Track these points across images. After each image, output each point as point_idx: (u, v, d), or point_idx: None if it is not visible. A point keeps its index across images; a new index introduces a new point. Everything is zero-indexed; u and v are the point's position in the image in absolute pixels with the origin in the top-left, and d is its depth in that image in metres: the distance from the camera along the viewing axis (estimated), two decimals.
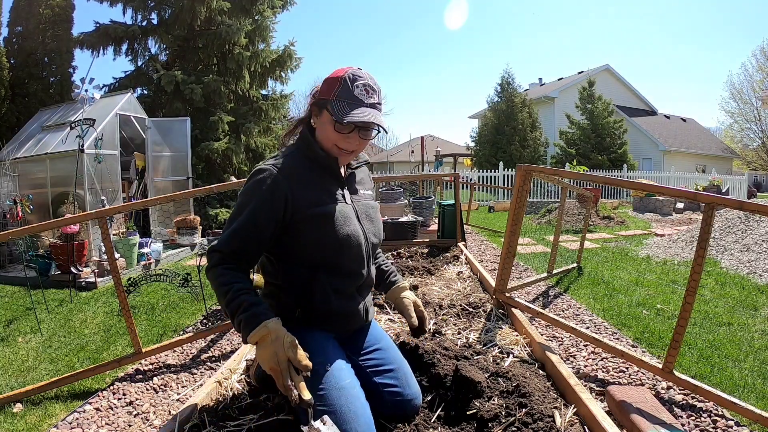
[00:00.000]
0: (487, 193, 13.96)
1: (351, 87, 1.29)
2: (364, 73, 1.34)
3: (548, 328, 2.57)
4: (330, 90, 1.31)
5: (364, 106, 1.29)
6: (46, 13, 8.21)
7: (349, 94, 1.29)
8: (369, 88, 1.31)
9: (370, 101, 1.31)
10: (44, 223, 2.45)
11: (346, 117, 1.25)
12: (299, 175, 1.32)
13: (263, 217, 1.25)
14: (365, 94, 1.30)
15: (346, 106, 1.28)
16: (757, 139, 24.27)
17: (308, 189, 1.32)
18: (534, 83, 27.66)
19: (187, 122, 6.60)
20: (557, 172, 2.78)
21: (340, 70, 1.34)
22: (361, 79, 1.31)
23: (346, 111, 1.27)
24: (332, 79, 1.32)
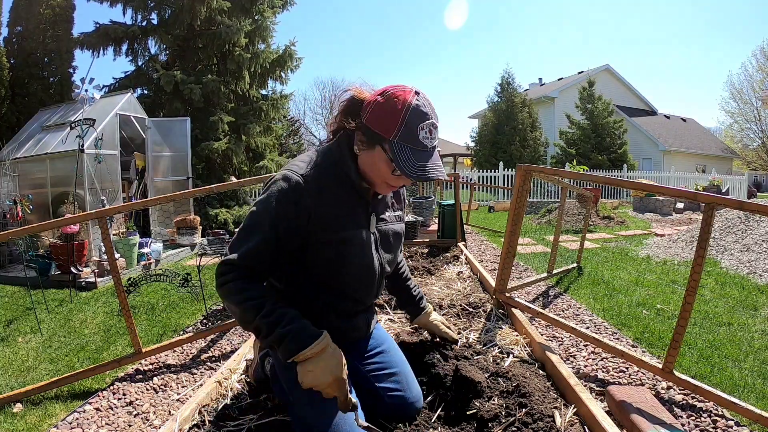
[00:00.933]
0: (487, 193, 13.97)
1: (416, 130, 1.13)
2: (426, 103, 1.16)
3: (548, 328, 2.57)
4: (389, 125, 1.13)
5: (428, 152, 1.15)
6: (46, 13, 8.21)
7: (413, 138, 1.13)
8: (433, 127, 1.16)
9: (432, 144, 1.16)
10: (44, 223, 2.45)
11: (414, 172, 1.12)
12: (327, 194, 1.20)
13: (285, 232, 1.15)
14: (429, 137, 1.15)
15: (409, 154, 1.13)
16: (757, 139, 24.29)
17: (333, 211, 1.21)
18: (534, 83, 27.68)
19: (187, 122, 6.60)
20: (557, 172, 2.78)
21: (399, 94, 1.15)
22: (426, 117, 1.14)
23: (411, 162, 1.12)
24: (390, 110, 1.14)
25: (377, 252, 1.33)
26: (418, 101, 1.15)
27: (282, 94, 9.44)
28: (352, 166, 1.23)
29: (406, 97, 1.14)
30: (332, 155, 1.26)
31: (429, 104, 1.17)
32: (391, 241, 1.38)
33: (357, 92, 1.23)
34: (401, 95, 1.15)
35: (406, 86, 1.18)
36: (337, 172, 1.23)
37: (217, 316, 3.08)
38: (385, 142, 1.15)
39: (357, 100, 1.22)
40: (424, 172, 1.13)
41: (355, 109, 1.21)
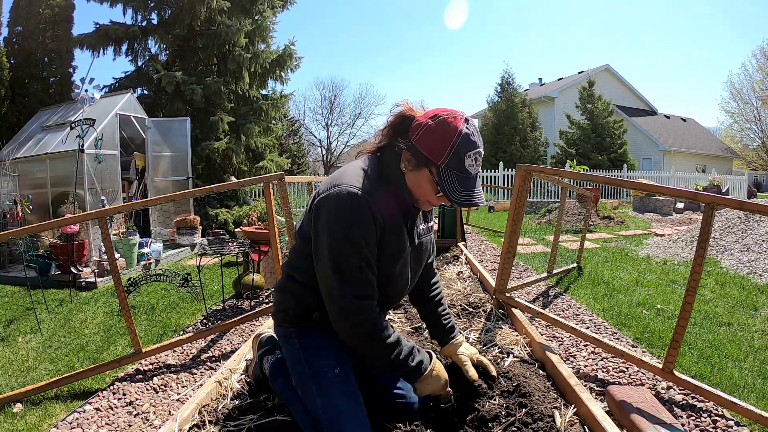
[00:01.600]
0: (487, 193, 13.96)
1: (463, 157, 1.17)
2: (475, 131, 1.20)
3: (548, 328, 2.57)
4: (438, 151, 1.17)
5: (471, 178, 1.20)
6: (46, 13, 8.20)
7: (461, 165, 1.17)
8: (479, 156, 1.20)
9: (477, 171, 1.21)
10: (44, 223, 2.45)
11: (458, 198, 1.18)
12: (389, 214, 1.24)
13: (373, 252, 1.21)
14: (474, 164, 1.19)
15: (455, 181, 1.18)
16: (757, 139, 24.27)
17: (392, 230, 1.25)
18: (534, 83, 27.67)
19: (187, 122, 6.60)
20: (557, 172, 2.78)
21: (450, 121, 1.18)
22: (475, 146, 1.18)
23: (456, 187, 1.17)
24: (441, 136, 1.17)
25: (411, 265, 1.37)
26: (467, 129, 1.18)
27: (282, 94, 9.44)
28: (404, 184, 1.26)
29: (457, 124, 1.18)
30: (384, 172, 1.27)
31: (477, 132, 1.20)
32: (422, 254, 1.42)
33: (407, 109, 1.26)
34: (452, 122, 1.18)
35: (457, 112, 1.21)
36: (392, 190, 1.25)
37: (217, 316, 3.09)
38: (433, 166, 1.19)
39: (407, 118, 1.25)
40: (468, 198, 1.19)
41: (404, 127, 1.24)
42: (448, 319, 1.56)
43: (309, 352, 1.29)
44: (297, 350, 1.30)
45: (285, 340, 1.36)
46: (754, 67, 23.62)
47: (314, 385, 1.23)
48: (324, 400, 1.20)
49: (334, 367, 1.25)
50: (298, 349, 1.30)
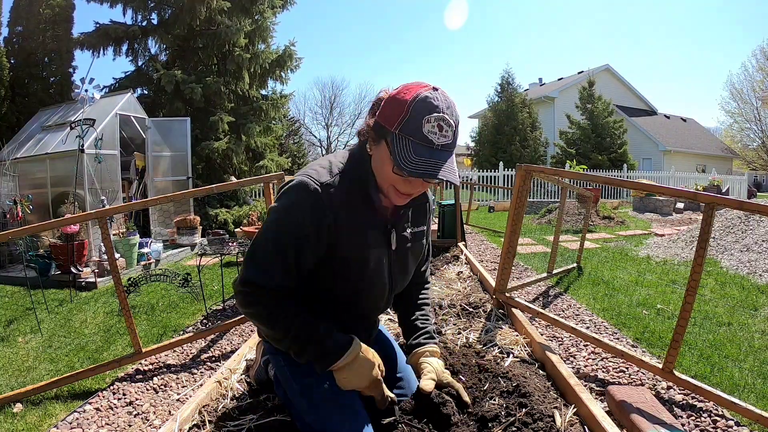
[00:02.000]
0: (487, 193, 13.97)
1: (420, 121, 1.01)
2: (440, 97, 1.04)
3: (548, 328, 2.57)
4: (393, 117, 1.04)
5: (433, 149, 1.02)
6: (46, 13, 8.20)
7: (417, 131, 1.01)
8: (443, 122, 1.02)
9: (442, 141, 1.03)
10: (44, 223, 2.45)
11: (408, 168, 1.00)
12: (348, 207, 1.12)
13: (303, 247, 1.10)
14: (437, 132, 1.02)
15: (409, 148, 1.01)
16: (757, 139, 24.28)
17: (353, 227, 1.13)
18: (534, 83, 27.68)
19: (187, 122, 6.60)
20: (557, 172, 2.78)
21: (411, 89, 1.05)
22: (436, 109, 1.02)
23: (410, 157, 1.01)
24: (398, 101, 1.04)
25: (390, 271, 1.25)
26: (429, 94, 1.03)
27: (282, 94, 9.44)
28: (372, 179, 1.14)
29: (418, 89, 1.04)
30: (353, 161, 1.17)
31: (445, 100, 1.04)
32: (407, 260, 1.30)
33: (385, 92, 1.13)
34: (414, 88, 1.05)
35: (425, 82, 1.08)
36: (359, 183, 1.15)
37: (217, 316, 3.08)
38: (388, 135, 1.05)
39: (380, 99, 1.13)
40: (423, 168, 1.00)
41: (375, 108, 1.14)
42: (426, 323, 1.39)
43: (295, 368, 1.22)
44: (283, 368, 1.26)
45: (272, 356, 1.31)
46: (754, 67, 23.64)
47: (305, 404, 1.18)
48: (316, 419, 1.16)
49: (324, 383, 1.17)
50: (284, 366, 1.25)
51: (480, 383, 1.48)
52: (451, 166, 1.05)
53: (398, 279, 1.30)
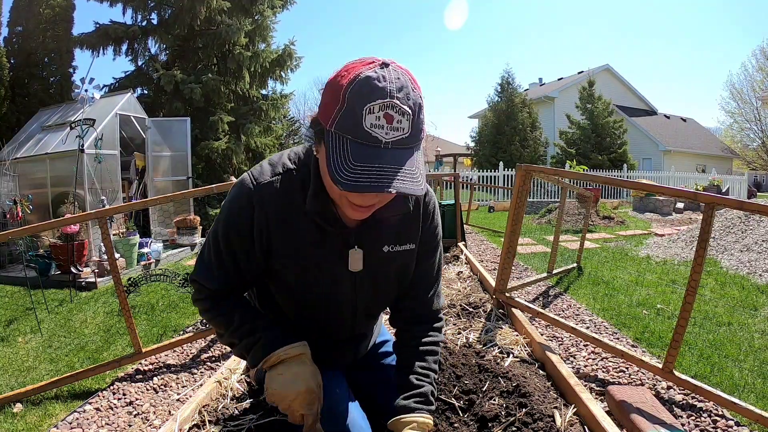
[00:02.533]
0: (487, 193, 13.97)
1: (360, 112, 0.75)
2: (390, 75, 0.78)
3: (548, 328, 2.57)
4: (329, 109, 0.80)
5: (380, 149, 0.77)
6: (46, 13, 8.21)
7: (357, 126, 0.76)
8: (394, 110, 0.76)
9: (393, 137, 0.77)
10: (44, 223, 2.45)
11: (343, 179, 0.75)
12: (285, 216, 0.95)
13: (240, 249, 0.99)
14: (384, 126, 0.76)
15: (347, 151, 0.77)
16: (757, 139, 24.26)
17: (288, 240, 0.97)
18: (534, 83, 27.68)
19: (187, 122, 6.60)
20: (557, 172, 2.78)
21: (352, 68, 0.80)
22: (381, 93, 0.76)
23: (346, 164, 0.76)
24: (334, 87, 0.79)
25: (353, 294, 1.05)
26: (373, 73, 0.77)
27: (282, 93, 9.46)
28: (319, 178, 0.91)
29: (360, 68, 0.79)
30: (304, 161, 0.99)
31: (397, 79, 0.78)
32: (381, 284, 1.07)
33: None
34: (356, 67, 0.80)
35: (374, 57, 0.82)
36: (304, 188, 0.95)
37: None
38: (324, 134, 0.82)
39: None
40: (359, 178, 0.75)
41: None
42: (423, 380, 1.07)
43: None
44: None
45: None
46: (754, 67, 23.62)
47: None
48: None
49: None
50: None
51: (480, 383, 1.48)
52: (410, 170, 0.78)
53: (366, 301, 1.09)
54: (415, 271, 1.12)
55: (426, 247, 1.11)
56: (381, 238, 1.02)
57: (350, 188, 0.76)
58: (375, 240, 1.01)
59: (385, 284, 1.08)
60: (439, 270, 1.16)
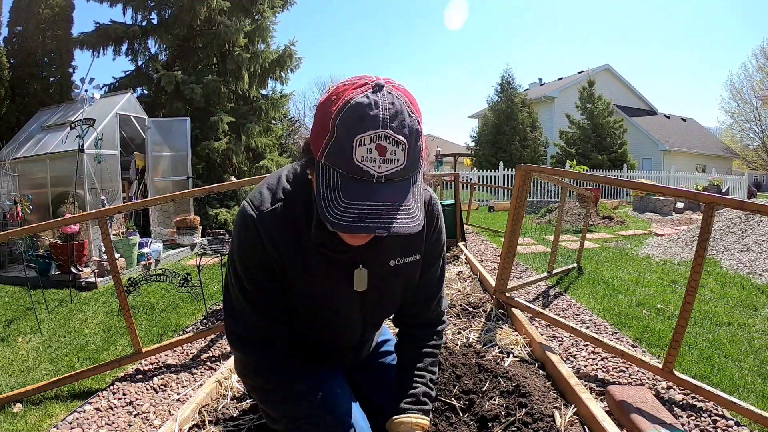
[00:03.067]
0: (487, 193, 13.97)
1: (350, 144, 0.72)
2: (383, 101, 0.73)
3: (548, 327, 2.57)
4: (319, 137, 0.76)
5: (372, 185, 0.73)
6: (46, 13, 8.21)
7: (347, 159, 0.72)
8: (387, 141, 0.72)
9: (387, 170, 0.73)
10: (44, 223, 2.45)
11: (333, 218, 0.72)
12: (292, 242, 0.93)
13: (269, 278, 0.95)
14: (377, 159, 0.72)
15: (337, 187, 0.73)
16: (757, 139, 24.26)
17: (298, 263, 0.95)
18: (534, 83, 27.68)
19: (187, 122, 6.60)
20: (557, 172, 2.78)
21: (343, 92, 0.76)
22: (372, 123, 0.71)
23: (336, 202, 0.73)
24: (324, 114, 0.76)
25: (362, 312, 1.05)
26: (364, 99, 0.72)
27: (282, 93, 9.45)
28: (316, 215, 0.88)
29: (352, 92, 0.74)
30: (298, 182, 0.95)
31: (391, 105, 0.73)
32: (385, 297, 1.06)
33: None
34: (347, 90, 0.75)
35: (367, 77, 0.77)
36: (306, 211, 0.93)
37: (217, 316, 3.08)
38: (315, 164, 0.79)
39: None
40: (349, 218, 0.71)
41: None
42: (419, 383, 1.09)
43: None
44: None
45: None
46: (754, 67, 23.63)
47: None
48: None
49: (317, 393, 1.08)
50: None
51: (480, 383, 1.48)
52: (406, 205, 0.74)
53: (378, 315, 1.11)
54: (420, 278, 1.11)
55: (430, 255, 1.09)
56: (387, 254, 1.00)
57: (340, 228, 0.72)
58: (381, 256, 1.00)
59: (392, 296, 1.08)
60: (442, 274, 1.15)
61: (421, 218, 0.77)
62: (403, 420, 1.04)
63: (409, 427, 1.03)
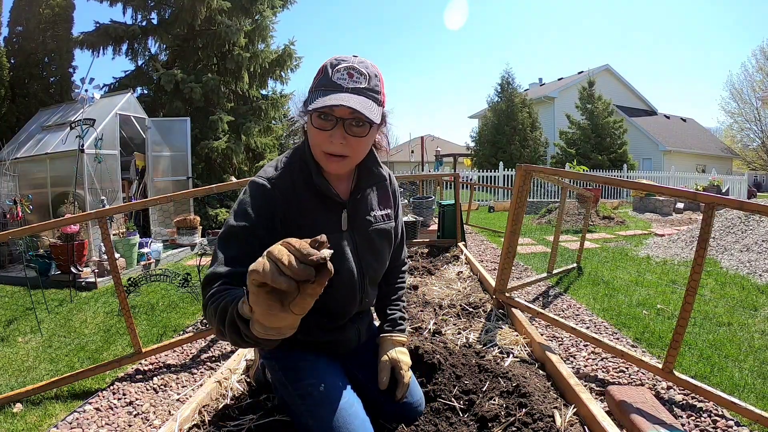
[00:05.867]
0: (487, 193, 13.97)
1: (330, 72, 1.06)
2: (351, 57, 1.10)
3: (548, 328, 2.57)
4: (313, 81, 1.11)
5: (342, 92, 1.04)
6: (46, 13, 8.21)
7: (327, 80, 1.06)
8: (353, 71, 1.06)
9: (353, 86, 1.05)
10: (44, 223, 2.45)
11: (317, 105, 1.01)
12: (295, 198, 1.12)
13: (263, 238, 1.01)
14: (347, 78, 1.06)
15: (320, 95, 1.04)
16: (757, 139, 24.26)
17: (302, 216, 1.13)
18: (534, 83, 27.68)
19: (187, 122, 6.60)
20: (557, 172, 2.78)
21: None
22: (344, 62, 1.08)
23: (317, 99, 1.04)
24: (320, 67, 1.11)
25: (356, 256, 1.21)
26: (340, 56, 1.10)
27: (282, 93, 9.45)
28: (312, 163, 1.14)
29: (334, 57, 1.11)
30: (295, 153, 1.20)
31: (361, 61, 1.09)
32: (376, 243, 1.26)
33: None
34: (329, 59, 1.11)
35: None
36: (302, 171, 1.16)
37: None
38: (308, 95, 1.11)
39: None
40: (324, 102, 1.00)
41: None
42: (395, 310, 1.41)
43: (290, 373, 1.21)
44: (278, 372, 1.23)
45: (266, 360, 1.29)
46: (754, 67, 23.61)
47: (303, 408, 1.16)
48: (316, 422, 1.13)
49: (319, 385, 1.15)
50: (279, 370, 1.23)
51: (480, 383, 1.48)
52: (365, 102, 1.03)
53: (369, 263, 1.24)
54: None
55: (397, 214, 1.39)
56: (367, 205, 1.25)
57: (316, 107, 1.01)
58: (363, 205, 1.24)
59: (378, 245, 1.27)
60: (404, 231, 1.48)
61: (376, 116, 1.05)
62: (395, 338, 1.36)
63: (391, 342, 1.35)
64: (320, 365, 1.22)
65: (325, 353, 1.27)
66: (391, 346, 1.33)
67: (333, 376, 1.21)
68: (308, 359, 1.23)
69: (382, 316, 1.41)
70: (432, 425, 1.33)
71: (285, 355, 1.24)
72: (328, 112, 1.04)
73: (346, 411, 1.13)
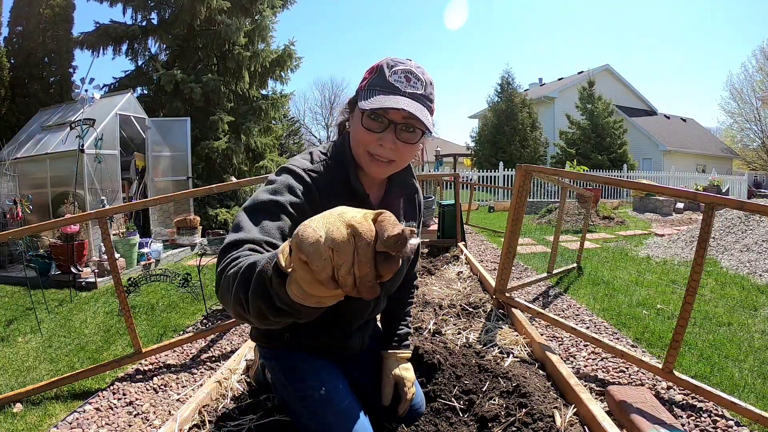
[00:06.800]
0: (487, 193, 13.96)
1: (387, 73, 1.02)
2: (407, 61, 1.06)
3: (548, 328, 2.57)
4: (365, 78, 1.06)
5: (399, 95, 1.00)
6: (46, 13, 8.20)
7: (383, 80, 1.01)
8: (410, 75, 1.02)
9: (411, 90, 1.01)
10: (44, 223, 2.45)
11: (371, 104, 0.97)
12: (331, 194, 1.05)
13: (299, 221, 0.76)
14: (404, 82, 1.01)
15: (375, 94, 1.00)
16: (757, 139, 24.22)
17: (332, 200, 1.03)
18: (534, 83, 27.68)
19: (187, 122, 6.60)
20: (557, 172, 2.78)
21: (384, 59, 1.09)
22: (402, 65, 1.03)
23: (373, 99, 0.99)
24: (372, 66, 1.07)
25: None
26: (396, 57, 1.05)
27: (282, 93, 9.45)
28: (353, 165, 1.09)
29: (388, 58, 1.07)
30: (335, 149, 1.12)
31: (417, 66, 1.05)
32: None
33: None
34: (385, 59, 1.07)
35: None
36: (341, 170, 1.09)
37: (217, 316, 3.08)
38: (358, 95, 1.05)
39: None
40: (375, 101, 0.97)
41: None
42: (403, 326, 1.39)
43: (290, 375, 1.20)
44: (278, 374, 1.23)
45: (266, 361, 1.29)
46: (754, 67, 23.57)
47: (303, 410, 1.17)
48: (315, 424, 1.14)
49: (320, 388, 1.15)
50: (279, 372, 1.23)
51: (480, 383, 1.48)
52: (420, 108, 0.99)
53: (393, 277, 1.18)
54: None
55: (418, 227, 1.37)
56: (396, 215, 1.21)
57: (374, 106, 0.97)
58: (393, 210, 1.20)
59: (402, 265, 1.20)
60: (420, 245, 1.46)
61: (429, 124, 1.02)
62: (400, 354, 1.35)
63: (396, 359, 1.34)
64: (321, 367, 1.21)
65: (325, 356, 1.26)
66: (396, 364, 1.33)
67: (333, 378, 1.20)
68: (309, 361, 1.22)
69: (389, 329, 1.40)
70: (432, 425, 1.33)
71: (285, 356, 1.24)
72: (381, 114, 0.99)
73: (348, 414, 1.14)
